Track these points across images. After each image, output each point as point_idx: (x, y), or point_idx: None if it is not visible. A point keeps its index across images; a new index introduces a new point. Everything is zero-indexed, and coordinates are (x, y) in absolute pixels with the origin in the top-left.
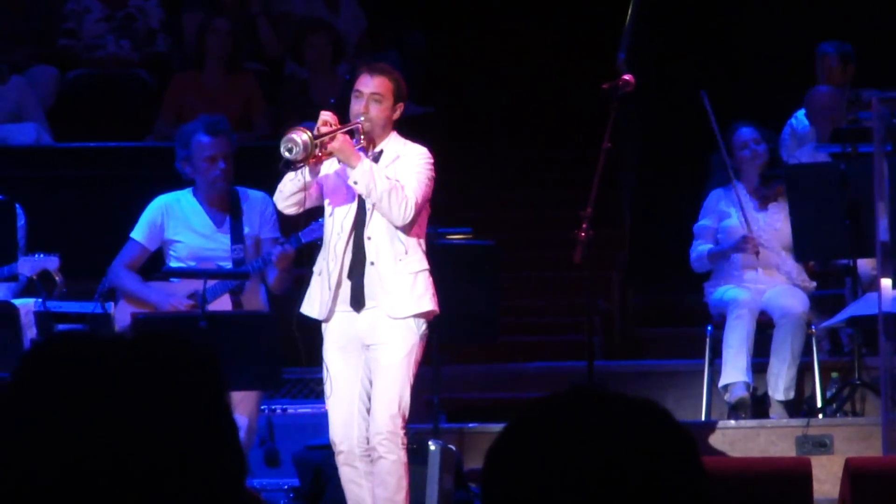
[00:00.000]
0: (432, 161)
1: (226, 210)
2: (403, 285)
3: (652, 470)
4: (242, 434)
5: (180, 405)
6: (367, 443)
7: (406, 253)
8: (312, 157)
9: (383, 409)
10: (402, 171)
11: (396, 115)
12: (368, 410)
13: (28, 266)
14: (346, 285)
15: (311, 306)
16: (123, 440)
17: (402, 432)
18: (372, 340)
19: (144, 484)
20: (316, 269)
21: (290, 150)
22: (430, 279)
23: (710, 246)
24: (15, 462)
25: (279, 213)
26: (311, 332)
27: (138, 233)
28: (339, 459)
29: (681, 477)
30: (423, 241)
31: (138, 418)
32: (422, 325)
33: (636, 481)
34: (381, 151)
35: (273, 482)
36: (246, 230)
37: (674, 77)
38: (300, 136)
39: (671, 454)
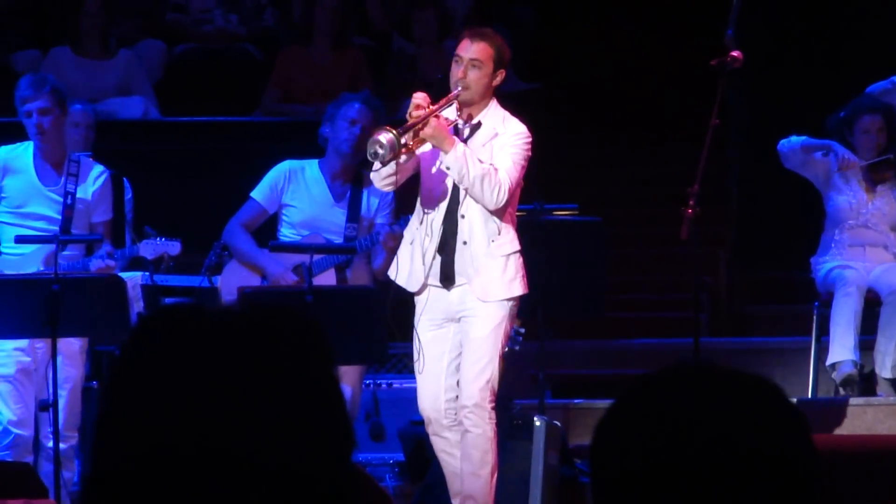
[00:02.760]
0: (530, 140)
1: (347, 188)
2: (495, 268)
3: (763, 447)
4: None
5: (289, 377)
6: (455, 414)
7: (499, 234)
8: (402, 149)
9: (471, 382)
10: (498, 149)
11: (497, 81)
12: (458, 383)
13: (150, 249)
14: (438, 260)
15: (402, 275)
16: (233, 412)
17: (489, 406)
18: (462, 313)
19: (254, 455)
20: (407, 237)
21: (375, 154)
22: (521, 260)
23: (806, 137)
24: (126, 435)
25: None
26: (405, 307)
27: (259, 193)
28: (430, 430)
29: (792, 454)
30: (514, 220)
31: (247, 390)
32: (512, 304)
33: (747, 458)
34: (479, 124)
35: (378, 457)
36: (363, 211)
37: (782, 53)
38: (384, 137)
39: (783, 431)
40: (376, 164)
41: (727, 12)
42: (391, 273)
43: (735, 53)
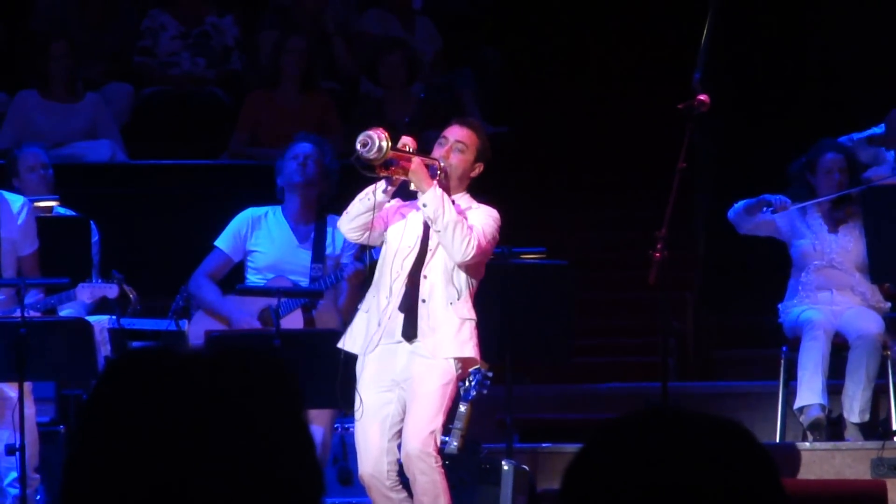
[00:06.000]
0: (500, 224)
1: (310, 228)
2: (450, 327)
3: (732, 490)
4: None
5: (259, 421)
6: (396, 476)
7: (458, 298)
8: (385, 167)
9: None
10: (470, 220)
11: (475, 172)
12: (399, 446)
13: (87, 293)
14: (397, 318)
15: (354, 342)
16: (201, 456)
17: (434, 453)
18: (406, 376)
19: (223, 499)
20: (363, 306)
21: (364, 145)
22: (476, 331)
23: (744, 200)
24: (95, 479)
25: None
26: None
27: (223, 242)
28: (372, 494)
29: (761, 498)
30: (473, 293)
31: (216, 435)
32: (459, 368)
33: (716, 501)
34: (453, 201)
35: (346, 501)
36: (328, 251)
37: (750, 97)
38: (380, 138)
39: (752, 475)
40: (350, 206)
41: (695, 56)
42: (341, 343)
43: (702, 97)
